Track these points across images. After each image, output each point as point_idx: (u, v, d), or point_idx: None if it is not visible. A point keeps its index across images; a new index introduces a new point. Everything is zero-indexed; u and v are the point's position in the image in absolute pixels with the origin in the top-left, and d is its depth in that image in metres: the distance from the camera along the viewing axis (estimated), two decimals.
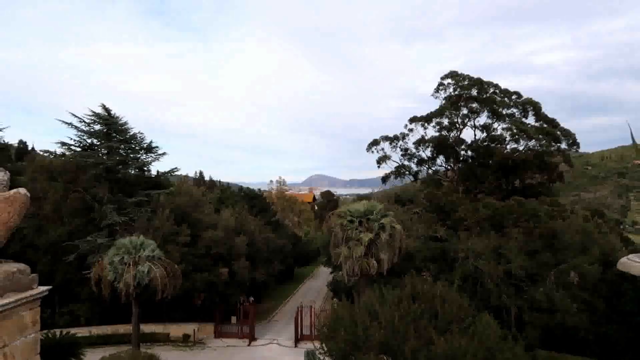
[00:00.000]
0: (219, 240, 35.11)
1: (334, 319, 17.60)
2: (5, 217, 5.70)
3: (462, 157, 46.24)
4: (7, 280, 5.59)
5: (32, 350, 5.99)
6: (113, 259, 25.82)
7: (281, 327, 37.02)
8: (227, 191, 59.62)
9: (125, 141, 39.25)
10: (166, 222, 33.18)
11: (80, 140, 38.83)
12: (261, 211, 54.83)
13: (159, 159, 40.70)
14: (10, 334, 5.56)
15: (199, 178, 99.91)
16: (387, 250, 24.73)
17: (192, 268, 31.97)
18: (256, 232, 42.18)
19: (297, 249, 60.92)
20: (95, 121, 38.73)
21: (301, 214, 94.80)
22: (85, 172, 35.96)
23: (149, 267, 25.58)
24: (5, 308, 5.42)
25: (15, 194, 5.87)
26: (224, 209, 43.89)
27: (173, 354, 29.60)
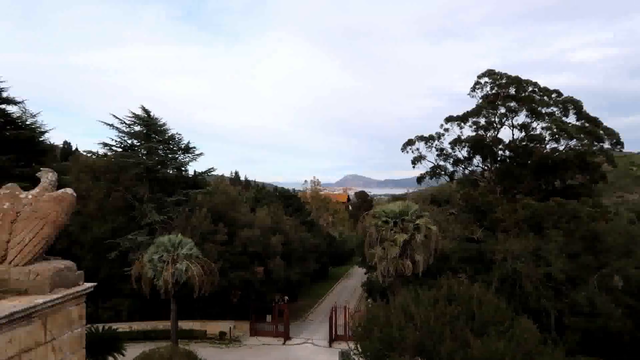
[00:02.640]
0: (255, 239, 35.58)
1: (369, 319, 17.60)
2: (54, 215, 6.00)
3: (499, 157, 45.22)
4: (56, 277, 5.89)
5: (78, 344, 6.28)
6: (152, 256, 26.57)
7: (316, 326, 37.19)
8: (262, 191, 60.32)
9: (164, 142, 40.29)
10: (204, 220, 33.85)
11: (121, 141, 40.14)
12: (296, 211, 55.23)
13: (196, 159, 41.60)
14: (58, 328, 5.85)
15: (235, 178, 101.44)
16: (423, 251, 24.50)
17: (228, 266, 32.52)
18: (291, 232, 42.52)
19: (331, 248, 61.05)
20: (135, 122, 39.93)
21: (335, 214, 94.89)
22: (127, 171, 37.09)
23: (186, 265, 26.19)
24: (55, 303, 5.71)
25: (63, 194, 6.17)
26: (260, 208, 44.47)
27: (210, 350, 30.17)
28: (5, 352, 5.03)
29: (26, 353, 5.32)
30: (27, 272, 5.75)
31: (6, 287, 5.74)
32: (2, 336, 4.99)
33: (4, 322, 4.96)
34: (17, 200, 6.04)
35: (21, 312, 5.18)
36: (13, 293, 5.70)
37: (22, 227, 5.88)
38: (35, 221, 5.89)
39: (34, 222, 5.88)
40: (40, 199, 6.05)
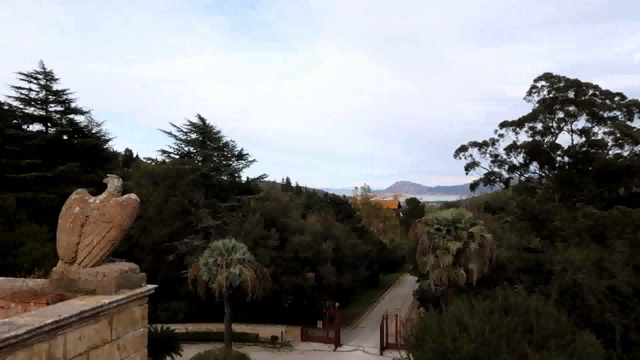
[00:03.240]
0: (306, 245, 35.88)
1: (421, 328, 17.30)
2: (120, 220, 6.33)
3: (557, 163, 43.37)
4: (121, 278, 6.21)
5: (140, 343, 6.58)
6: (207, 260, 27.36)
7: (366, 333, 36.92)
8: (313, 197, 60.78)
9: (219, 149, 41.53)
10: (256, 226, 34.51)
11: (179, 148, 41.75)
12: (346, 217, 55.23)
13: (249, 166, 42.62)
14: (123, 327, 6.16)
15: (286, 184, 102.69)
16: (477, 260, 23.84)
17: (280, 271, 32.95)
18: (342, 238, 42.54)
19: (382, 255, 60.52)
20: (192, 130, 41.41)
21: (386, 220, 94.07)
22: (183, 178, 38.48)
23: (240, 269, 26.78)
24: (120, 303, 6.01)
25: (127, 199, 6.51)
26: (311, 214, 44.84)
27: (262, 354, 30.61)
28: (75, 349, 5.35)
29: (94, 350, 5.63)
30: (95, 273, 6.09)
31: (76, 287, 6.11)
32: (72, 333, 5.31)
33: (74, 320, 5.27)
34: (86, 205, 6.43)
35: (90, 311, 5.50)
36: (82, 293, 6.06)
37: (90, 230, 6.24)
38: (103, 225, 6.23)
39: (101, 226, 6.23)
40: (107, 203, 6.41)
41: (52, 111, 38.95)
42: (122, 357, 6.15)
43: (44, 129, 39.00)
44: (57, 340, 5.12)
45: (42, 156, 35.80)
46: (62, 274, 6.20)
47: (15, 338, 4.53)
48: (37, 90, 38.03)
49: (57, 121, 39.33)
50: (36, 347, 4.84)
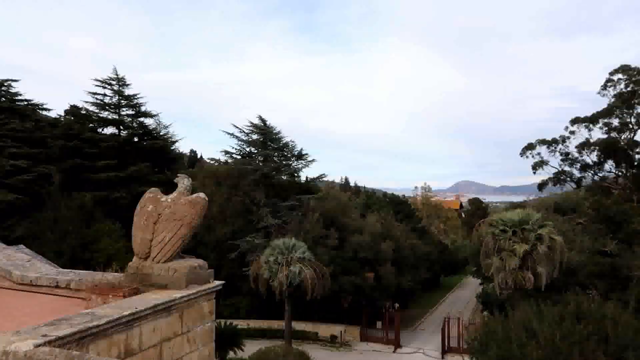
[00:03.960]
0: (365, 245, 35.74)
1: (486, 332, 16.77)
2: (189, 218, 6.57)
3: (636, 161, 40.59)
4: (191, 274, 6.44)
5: (209, 337, 6.80)
6: (268, 258, 27.91)
7: (427, 336, 36.24)
8: (372, 197, 60.43)
9: (279, 149, 42.23)
10: (316, 225, 34.78)
11: (241, 148, 42.86)
12: (406, 217, 54.47)
13: (309, 166, 43.03)
14: (192, 321, 6.39)
15: (345, 184, 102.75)
16: (546, 264, 22.76)
17: (339, 270, 33.01)
18: (402, 238, 42.02)
19: (443, 257, 59.15)
20: (253, 131, 42.37)
21: (447, 221, 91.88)
22: (245, 177, 39.46)
23: (300, 268, 27.11)
24: (190, 298, 6.24)
25: (197, 198, 6.75)
26: (370, 214, 44.58)
27: (321, 353, 30.79)
28: (150, 340, 5.61)
29: (167, 342, 5.88)
30: (167, 269, 6.36)
31: (149, 282, 6.41)
32: (147, 325, 5.57)
33: (149, 312, 5.53)
34: (158, 203, 6.72)
35: (162, 305, 5.74)
36: (155, 287, 6.34)
37: (162, 227, 6.52)
38: (174, 222, 6.49)
39: (173, 223, 6.49)
40: (177, 202, 6.67)
41: (124, 115, 41.22)
42: (192, 350, 6.38)
43: (117, 132, 41.35)
44: (134, 331, 5.39)
45: (115, 157, 37.95)
46: (136, 268, 6.52)
47: (97, 328, 4.80)
48: (111, 95, 40.40)
49: (129, 124, 41.57)
50: (115, 337, 5.11)
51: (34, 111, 38.81)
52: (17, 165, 32.86)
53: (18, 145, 34.00)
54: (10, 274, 7.53)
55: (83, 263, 26.05)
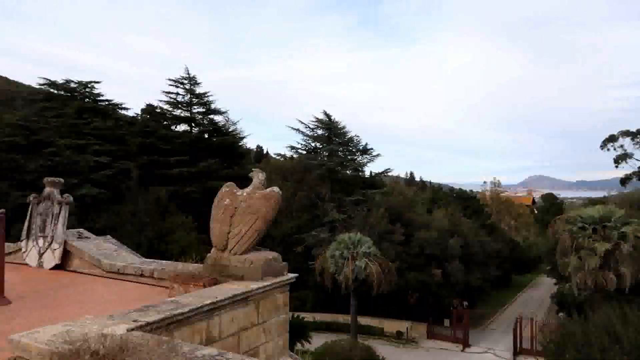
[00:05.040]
0: (432, 241, 35.08)
1: (562, 335, 16.00)
2: (264, 211, 6.73)
3: None
4: (266, 266, 6.60)
5: (283, 328, 6.95)
6: (334, 252, 28.09)
7: (497, 336, 35.02)
8: (438, 192, 59.13)
9: (344, 144, 42.33)
10: (381, 220, 34.56)
11: (306, 144, 43.40)
12: (475, 213, 52.81)
13: (374, 160, 42.86)
14: (268, 312, 6.56)
15: (410, 179, 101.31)
16: (630, 264, 21.28)
17: (405, 266, 32.66)
18: (470, 235, 40.83)
19: (514, 254, 56.81)
20: (318, 126, 42.74)
21: (518, 217, 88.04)
22: (310, 172, 39.90)
23: (365, 263, 27.08)
24: (265, 289, 6.40)
25: (271, 192, 6.89)
26: (436, 209, 43.70)
27: (387, 348, 30.62)
28: (228, 329, 5.82)
29: (244, 331, 6.08)
30: (244, 260, 6.55)
31: (227, 273, 6.63)
32: (226, 314, 5.78)
33: (227, 302, 5.73)
34: (234, 197, 6.93)
35: (240, 295, 5.93)
36: (232, 278, 6.56)
37: (239, 220, 6.73)
38: (249, 216, 6.68)
39: (248, 217, 6.68)
40: (253, 196, 6.85)
41: (195, 112, 42.91)
42: (267, 340, 6.54)
43: (188, 129, 43.12)
44: (214, 320, 5.61)
45: (187, 153, 39.62)
46: (214, 259, 6.77)
47: (182, 315, 5.04)
48: (183, 94, 42.16)
49: (200, 121, 43.23)
50: (197, 324, 5.34)
51: (114, 110, 41.32)
52: (99, 161, 35.16)
53: (100, 143, 36.36)
54: (100, 262, 8.08)
55: (159, 254, 27.44)
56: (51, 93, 39.44)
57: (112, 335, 3.93)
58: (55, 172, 30.35)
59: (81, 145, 35.51)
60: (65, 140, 35.19)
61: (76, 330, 4.16)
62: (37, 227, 8.67)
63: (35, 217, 8.75)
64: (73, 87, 39.42)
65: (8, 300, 6.12)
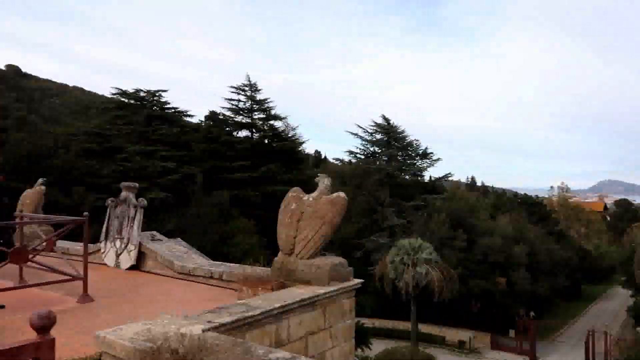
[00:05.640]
0: (496, 248, 33.90)
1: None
2: (330, 216, 6.75)
3: None
4: (332, 271, 6.61)
5: (349, 334, 6.93)
6: (394, 258, 27.76)
7: (567, 350, 33.23)
8: (502, 197, 57.07)
9: (403, 148, 41.85)
10: (442, 226, 33.81)
11: (364, 148, 43.28)
12: (541, 219, 50.49)
13: (434, 165, 42.04)
14: (334, 317, 6.56)
15: (471, 183, 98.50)
16: None
17: (468, 274, 31.74)
18: (537, 242, 39.09)
19: (585, 264, 53.69)
20: (377, 130, 42.51)
21: (589, 224, 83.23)
22: (369, 177, 39.73)
23: (426, 269, 26.57)
24: (332, 294, 6.41)
25: (337, 197, 6.90)
26: (500, 215, 42.22)
27: (449, 358, 29.89)
28: (296, 332, 5.87)
29: (311, 336, 6.11)
30: (310, 265, 6.60)
31: (293, 277, 6.71)
32: (294, 318, 5.84)
33: (296, 306, 5.79)
34: (301, 202, 7.01)
35: (308, 300, 5.98)
36: (299, 282, 6.62)
37: (305, 225, 6.79)
38: (316, 220, 6.72)
39: (315, 222, 6.72)
40: (319, 201, 6.89)
41: (256, 118, 43.92)
42: (334, 345, 6.54)
43: (249, 135, 44.19)
44: (283, 324, 5.68)
45: (248, 158, 40.60)
46: (281, 263, 6.86)
47: (252, 318, 5.14)
48: (244, 100, 43.29)
49: (260, 127, 44.19)
50: (267, 327, 5.43)
51: (180, 118, 43.10)
52: (166, 166, 36.75)
53: (167, 149, 38.02)
54: (172, 263, 8.41)
55: (222, 256, 28.23)
56: (122, 102, 41.74)
57: (191, 335, 4.07)
58: (126, 176, 32.06)
59: (150, 151, 37.27)
60: (136, 147, 37.07)
61: (156, 329, 4.34)
62: (115, 229, 9.15)
63: (112, 219, 9.25)
64: (142, 95, 41.49)
65: (91, 298, 6.50)
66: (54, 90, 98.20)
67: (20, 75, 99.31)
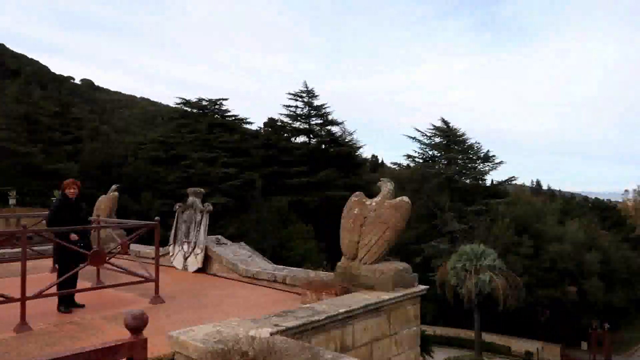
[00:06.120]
0: (566, 255, 32.22)
1: None
2: (394, 221, 6.65)
3: None
4: (397, 277, 6.51)
5: (414, 341, 6.79)
6: (455, 264, 26.96)
7: None
8: (571, 202, 54.25)
9: (463, 151, 40.76)
10: (506, 231, 32.56)
11: (423, 152, 42.55)
12: (615, 225, 47.56)
13: (496, 168, 40.64)
14: (399, 324, 6.45)
15: (536, 187, 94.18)
16: None
17: (534, 282, 30.34)
18: (611, 249, 36.81)
19: None
20: (436, 134, 41.69)
21: None
22: (428, 181, 38.99)
23: (490, 277, 25.60)
24: (397, 300, 6.31)
25: (401, 202, 6.79)
26: (569, 221, 40.08)
27: None
28: (361, 338, 5.82)
29: (376, 342, 6.04)
30: (374, 270, 6.53)
31: (357, 282, 6.66)
32: (359, 324, 5.79)
33: (360, 312, 5.74)
34: (364, 207, 6.96)
35: (373, 305, 5.91)
36: (362, 287, 6.57)
37: (368, 230, 6.72)
38: (379, 225, 6.64)
39: (378, 227, 6.64)
40: (382, 205, 6.81)
41: (313, 124, 44.36)
42: (399, 353, 6.42)
43: (307, 140, 44.66)
44: (347, 329, 5.64)
45: (306, 164, 41.02)
46: (345, 268, 6.83)
47: (318, 322, 5.14)
48: (302, 106, 43.85)
49: (318, 132, 44.57)
50: (332, 332, 5.41)
51: (240, 125, 44.27)
52: (227, 172, 37.82)
53: (228, 155, 39.13)
54: (236, 267, 8.60)
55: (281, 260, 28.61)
56: (186, 111, 43.44)
57: (260, 339, 4.12)
58: (189, 183, 33.24)
59: (212, 157, 38.51)
60: (198, 154, 38.43)
61: (225, 331, 4.43)
62: (182, 233, 9.49)
63: (180, 224, 9.60)
64: (204, 104, 43.00)
65: (162, 300, 6.75)
66: (123, 101, 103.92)
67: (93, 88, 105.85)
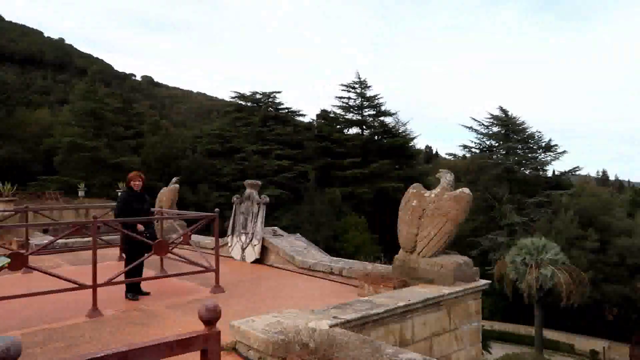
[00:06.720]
0: (636, 249, 30.36)
1: None
2: (454, 213, 6.45)
3: None
4: (457, 270, 6.32)
5: (476, 337, 6.58)
6: (515, 258, 25.98)
7: None
8: None
9: (523, 141, 39.18)
10: (570, 224, 31.08)
11: (480, 142, 41.23)
12: None
13: (559, 158, 38.78)
14: (459, 319, 6.27)
15: (603, 178, 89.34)
16: None
17: (601, 277, 28.82)
18: None
19: None
20: (494, 123, 40.27)
21: None
22: (485, 172, 37.79)
23: (552, 271, 24.51)
24: (457, 295, 6.13)
25: (461, 194, 6.58)
26: (639, 213, 37.72)
27: None
28: (421, 333, 5.71)
29: (436, 337, 5.90)
30: (433, 263, 6.38)
31: (415, 275, 6.53)
32: (418, 318, 5.67)
33: (419, 306, 5.62)
34: (422, 199, 6.80)
35: (432, 299, 5.77)
36: (421, 281, 6.43)
37: (427, 222, 6.57)
38: (438, 218, 6.47)
39: (437, 219, 6.48)
40: (441, 197, 6.63)
41: (366, 115, 44.02)
42: (460, 349, 6.26)
43: (360, 132, 44.39)
44: (407, 323, 5.54)
45: (359, 155, 40.81)
46: (403, 261, 6.71)
47: (377, 315, 5.08)
48: (355, 98, 43.59)
49: (370, 124, 44.20)
50: (391, 325, 5.34)
51: (293, 117, 44.62)
52: (281, 165, 38.28)
53: (281, 148, 39.59)
54: (293, 258, 8.67)
55: (334, 252, 28.71)
56: (240, 104, 44.26)
57: (320, 330, 4.12)
58: (244, 175, 33.95)
59: (266, 150, 39.10)
60: (253, 146, 39.13)
61: (285, 322, 4.46)
62: (240, 225, 9.67)
63: (238, 215, 9.78)
64: (258, 97, 43.64)
65: (222, 289, 6.91)
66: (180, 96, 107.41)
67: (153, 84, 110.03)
